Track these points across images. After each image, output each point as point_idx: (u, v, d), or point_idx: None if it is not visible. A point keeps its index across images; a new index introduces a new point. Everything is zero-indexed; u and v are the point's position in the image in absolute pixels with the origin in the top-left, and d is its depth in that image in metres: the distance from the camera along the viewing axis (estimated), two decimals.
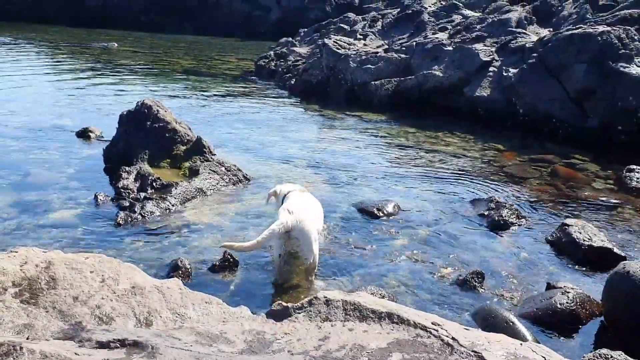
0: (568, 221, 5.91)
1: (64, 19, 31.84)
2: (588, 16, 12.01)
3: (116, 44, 23.92)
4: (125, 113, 7.81)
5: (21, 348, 2.26)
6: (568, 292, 4.48)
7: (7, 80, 14.22)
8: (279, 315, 2.93)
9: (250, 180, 7.26)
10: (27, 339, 2.53)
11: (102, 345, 2.45)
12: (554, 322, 4.29)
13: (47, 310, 2.78)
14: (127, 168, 6.96)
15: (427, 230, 6.02)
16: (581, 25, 11.17)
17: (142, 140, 7.39)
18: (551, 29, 12.63)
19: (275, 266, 4.75)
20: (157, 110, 7.64)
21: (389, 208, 6.44)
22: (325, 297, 2.99)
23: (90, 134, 8.98)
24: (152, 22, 32.25)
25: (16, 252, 3.12)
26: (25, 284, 2.89)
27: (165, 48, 24.67)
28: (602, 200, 7.15)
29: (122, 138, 7.61)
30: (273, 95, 14.47)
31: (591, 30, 10.55)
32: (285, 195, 5.08)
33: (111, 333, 2.54)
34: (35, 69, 16.65)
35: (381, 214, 6.31)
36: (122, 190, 6.52)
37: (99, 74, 16.37)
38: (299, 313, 2.91)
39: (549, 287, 4.75)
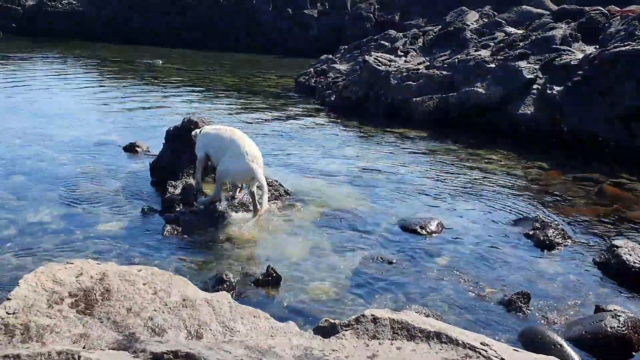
0: (617, 242, 5.76)
1: (110, 36, 32.97)
2: (637, 33, 11.74)
3: (160, 61, 24.50)
4: (171, 129, 7.98)
5: (79, 357, 2.34)
6: (619, 316, 4.36)
7: (56, 96, 14.72)
8: (326, 332, 2.94)
9: (291, 195, 7.31)
10: (84, 348, 2.60)
11: (155, 356, 2.50)
12: (603, 346, 4.19)
13: (102, 320, 2.85)
14: (173, 182, 7.13)
15: (472, 249, 5.96)
16: (629, 42, 10.92)
17: (188, 156, 7.54)
18: (597, 46, 12.40)
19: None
20: (203, 127, 7.79)
21: (433, 226, 6.39)
22: (372, 314, 2.99)
23: (137, 148, 9.21)
24: (194, 39, 32.99)
25: (72, 263, 3.22)
26: (81, 294, 2.98)
27: (207, 65, 25.13)
28: None
29: (169, 153, 7.78)
30: (313, 112, 14.56)
31: None
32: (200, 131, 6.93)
33: (164, 345, 2.59)
34: (83, 85, 17.20)
35: (424, 232, 6.27)
36: (168, 203, 6.67)
37: (145, 90, 16.79)
38: (347, 330, 2.92)
39: (598, 309, 4.63)
